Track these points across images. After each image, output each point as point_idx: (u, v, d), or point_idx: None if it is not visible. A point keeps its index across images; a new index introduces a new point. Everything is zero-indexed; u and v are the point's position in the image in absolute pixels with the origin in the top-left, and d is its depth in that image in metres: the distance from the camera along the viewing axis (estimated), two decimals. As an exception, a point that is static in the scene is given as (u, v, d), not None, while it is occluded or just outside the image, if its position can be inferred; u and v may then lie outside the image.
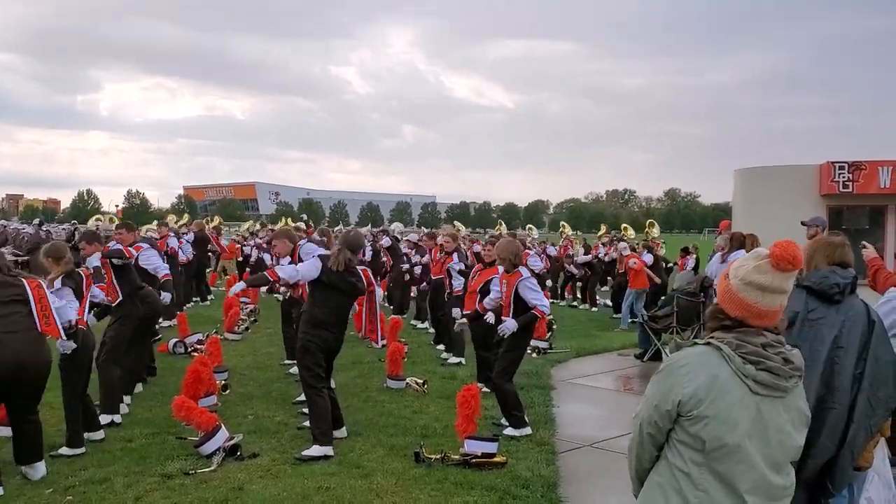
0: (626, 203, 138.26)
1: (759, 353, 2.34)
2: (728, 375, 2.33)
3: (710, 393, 2.31)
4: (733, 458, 2.31)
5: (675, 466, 2.40)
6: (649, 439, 2.47)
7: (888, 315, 4.57)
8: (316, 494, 5.33)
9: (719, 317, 2.44)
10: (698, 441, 2.33)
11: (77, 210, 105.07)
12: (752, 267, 2.39)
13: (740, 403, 2.31)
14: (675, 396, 2.35)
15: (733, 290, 2.41)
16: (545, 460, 6.17)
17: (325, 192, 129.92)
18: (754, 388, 2.32)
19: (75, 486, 5.46)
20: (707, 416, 2.31)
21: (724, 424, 2.30)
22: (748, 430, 2.31)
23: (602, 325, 15.22)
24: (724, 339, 2.39)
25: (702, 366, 2.36)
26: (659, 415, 2.40)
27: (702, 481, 2.34)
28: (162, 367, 9.35)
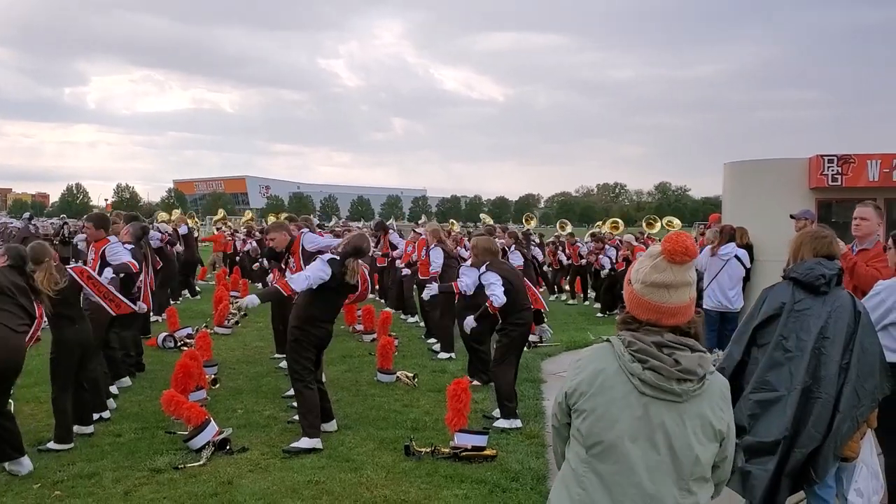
0: (616, 197, 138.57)
1: (647, 352, 2.25)
2: (614, 371, 2.27)
3: (592, 387, 2.28)
4: (611, 459, 2.24)
5: (568, 461, 2.39)
6: (554, 431, 2.52)
7: (876, 308, 4.59)
8: (305, 488, 5.33)
9: (629, 322, 2.37)
10: (581, 435, 2.31)
11: (66, 204, 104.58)
12: (650, 267, 2.31)
13: (623, 401, 2.24)
14: (567, 387, 2.38)
15: (638, 294, 2.33)
16: (535, 453, 6.18)
17: (316, 185, 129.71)
18: (640, 387, 2.23)
19: (64, 481, 5.43)
20: (586, 409, 2.28)
21: (602, 420, 2.25)
22: (629, 430, 2.22)
23: (593, 319, 15.26)
24: (621, 335, 2.35)
25: (593, 360, 2.35)
26: (558, 407, 2.44)
27: (583, 479, 2.29)
28: (151, 362, 9.32)
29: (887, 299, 4.55)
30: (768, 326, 3.99)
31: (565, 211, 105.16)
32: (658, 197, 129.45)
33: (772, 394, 3.88)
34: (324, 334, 6.51)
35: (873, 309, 4.60)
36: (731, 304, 8.37)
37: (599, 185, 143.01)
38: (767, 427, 3.85)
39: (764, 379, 3.91)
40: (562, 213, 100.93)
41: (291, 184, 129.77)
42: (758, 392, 3.91)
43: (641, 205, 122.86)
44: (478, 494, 5.27)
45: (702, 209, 78.19)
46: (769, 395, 3.88)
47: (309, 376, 6.36)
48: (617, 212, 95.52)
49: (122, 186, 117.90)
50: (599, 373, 2.29)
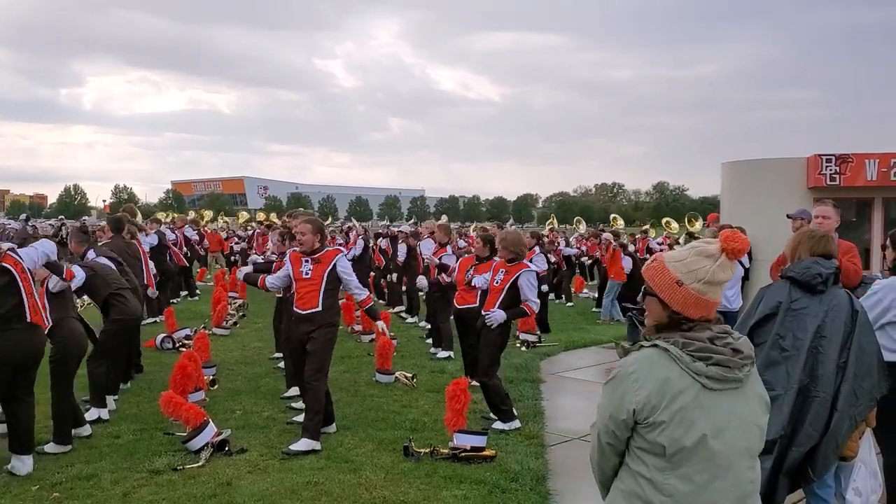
0: (614, 196, 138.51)
1: (707, 349, 2.27)
2: (678, 375, 2.26)
3: (665, 397, 2.25)
4: (694, 460, 2.25)
5: (637, 474, 2.33)
6: (609, 449, 2.41)
7: (874, 307, 4.60)
8: (304, 489, 5.32)
9: (681, 323, 2.35)
10: (658, 447, 2.26)
11: (64, 205, 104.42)
12: (717, 266, 2.32)
13: (694, 403, 2.25)
14: (628, 405, 2.28)
15: (697, 293, 2.31)
16: (534, 454, 6.17)
17: (314, 186, 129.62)
18: (708, 384, 2.25)
19: (62, 483, 5.42)
20: (663, 420, 2.24)
21: (681, 426, 2.23)
22: (709, 428, 2.25)
23: (591, 318, 15.26)
24: (669, 338, 2.32)
25: (651, 370, 2.29)
26: (615, 425, 2.34)
27: (667, 486, 2.27)
28: (149, 363, 9.31)
29: (884, 298, 4.56)
30: (765, 325, 4.00)
31: (564, 211, 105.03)
32: (656, 197, 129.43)
33: (769, 393, 3.88)
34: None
35: (871, 308, 4.61)
36: (730, 303, 8.37)
37: (597, 185, 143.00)
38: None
39: (761, 378, 3.91)
40: (560, 213, 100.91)
41: (290, 184, 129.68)
42: None
43: (639, 205, 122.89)
44: (477, 495, 5.27)
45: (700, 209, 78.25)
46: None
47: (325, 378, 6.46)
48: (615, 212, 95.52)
49: (119, 187, 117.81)
50: (665, 381, 2.26)
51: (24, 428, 5.67)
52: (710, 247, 2.37)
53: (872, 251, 9.79)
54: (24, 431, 5.68)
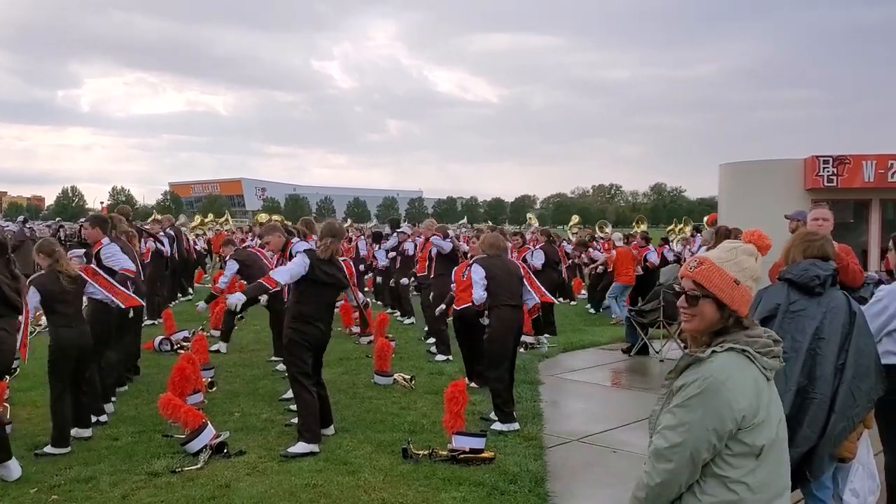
0: (612, 198, 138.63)
1: (767, 344, 2.37)
2: (759, 374, 2.34)
3: (760, 398, 2.31)
4: (776, 449, 2.34)
5: (728, 479, 2.28)
6: (690, 463, 2.29)
7: (880, 314, 4.58)
8: (303, 491, 5.32)
9: (739, 321, 2.38)
10: (756, 448, 2.28)
11: (62, 207, 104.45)
12: (758, 262, 2.42)
13: (770, 397, 2.35)
14: (735, 414, 2.24)
15: (750, 291, 2.40)
16: (533, 455, 6.17)
17: (312, 187, 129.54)
18: (770, 376, 2.36)
19: (61, 485, 5.42)
20: (762, 420, 2.29)
21: (771, 423, 2.32)
22: (778, 416, 2.37)
23: (589, 319, 15.26)
24: (737, 340, 2.34)
25: (742, 374, 2.30)
26: (718, 437, 2.26)
27: (757, 484, 2.30)
28: (148, 365, 9.30)
29: (890, 305, 4.54)
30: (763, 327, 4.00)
31: (562, 212, 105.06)
32: (653, 198, 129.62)
33: None
34: (318, 333, 6.46)
35: (877, 314, 4.60)
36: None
37: (595, 187, 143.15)
38: None
39: None
40: (558, 214, 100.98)
41: (287, 185, 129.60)
42: None
43: (637, 206, 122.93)
44: (476, 497, 5.27)
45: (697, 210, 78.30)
46: None
47: (307, 379, 6.34)
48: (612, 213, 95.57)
49: (117, 189, 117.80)
50: (755, 382, 2.32)
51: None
52: (748, 246, 2.45)
53: (870, 252, 9.81)
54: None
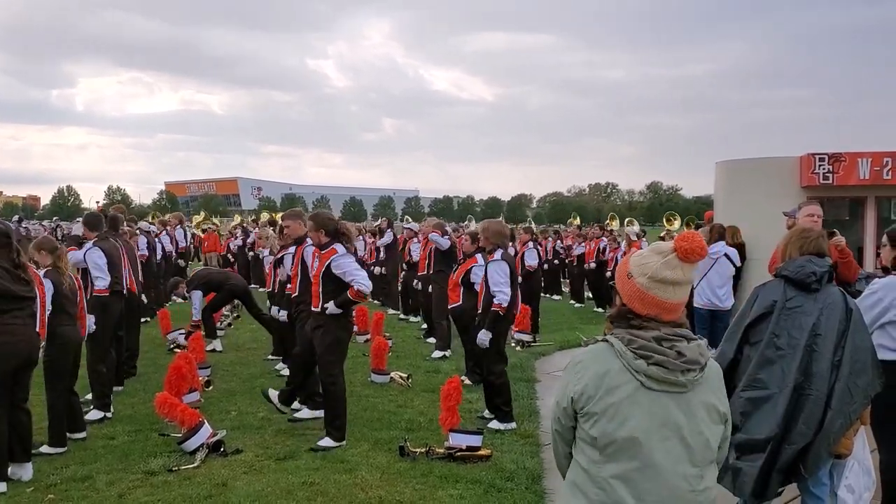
0: (608, 196, 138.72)
1: (650, 347, 2.28)
2: (619, 370, 2.29)
3: (599, 389, 2.28)
4: (626, 456, 2.27)
5: (579, 464, 2.38)
6: (557, 436, 2.48)
7: (874, 306, 4.60)
8: (300, 490, 5.32)
9: (629, 317, 2.37)
10: (592, 438, 2.30)
11: (57, 207, 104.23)
12: (661, 263, 2.32)
13: (630, 399, 2.27)
14: (569, 393, 2.35)
15: (642, 288, 2.33)
16: (529, 453, 6.18)
17: (308, 186, 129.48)
18: (647, 382, 2.27)
19: (57, 484, 5.42)
20: (596, 412, 2.28)
21: (614, 420, 2.26)
22: (642, 426, 2.25)
23: (586, 317, 15.29)
24: (618, 333, 2.35)
25: (594, 362, 2.33)
26: (560, 412, 2.41)
27: (599, 479, 2.30)
28: (144, 364, 9.30)
29: (885, 298, 4.56)
30: (760, 324, 4.01)
31: (558, 211, 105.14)
32: (650, 196, 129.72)
33: (763, 392, 3.89)
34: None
35: (871, 307, 4.62)
36: (721, 302, 8.40)
37: (591, 185, 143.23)
38: (758, 425, 3.86)
39: (756, 377, 3.93)
40: (554, 213, 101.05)
41: (283, 185, 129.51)
42: (749, 390, 3.92)
43: (633, 204, 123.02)
44: (473, 494, 5.28)
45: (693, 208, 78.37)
46: (761, 393, 3.89)
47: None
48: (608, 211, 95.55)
49: (113, 189, 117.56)
50: (604, 374, 2.30)
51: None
52: (665, 245, 2.38)
53: (865, 249, 9.82)
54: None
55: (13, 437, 5.46)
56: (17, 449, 5.51)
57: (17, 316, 5.40)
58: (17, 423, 5.51)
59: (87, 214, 8.41)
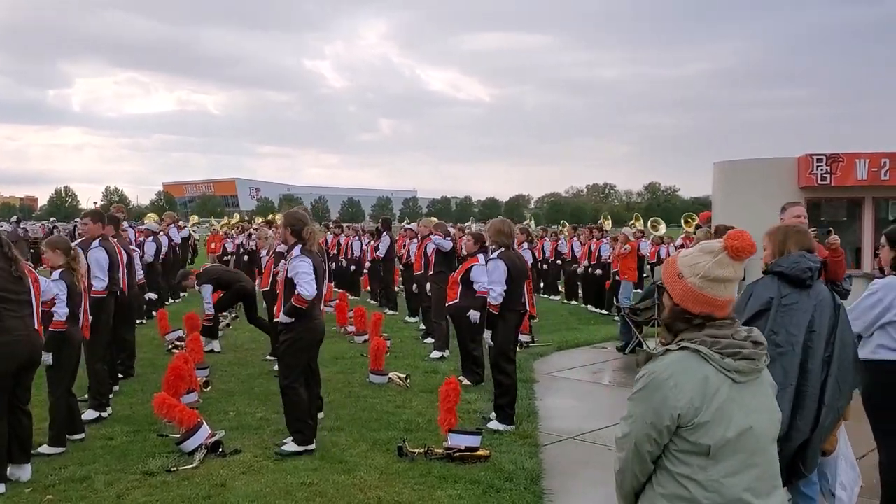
0: (606, 197, 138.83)
1: (735, 345, 2.33)
2: (713, 374, 2.30)
3: (706, 397, 2.28)
4: (736, 451, 2.30)
5: (679, 475, 2.34)
6: (649, 457, 2.39)
7: (874, 307, 4.62)
8: (299, 490, 5.32)
9: (686, 317, 2.39)
10: (702, 447, 2.29)
11: (55, 207, 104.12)
12: (713, 262, 2.36)
13: (729, 398, 2.30)
14: (671, 411, 2.29)
15: (695, 288, 2.37)
16: (528, 453, 6.19)
17: (306, 187, 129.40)
18: (737, 378, 2.31)
19: (56, 485, 5.42)
20: (707, 421, 2.28)
21: (721, 422, 2.28)
22: (744, 419, 2.31)
23: (584, 318, 15.29)
24: (695, 338, 2.35)
25: (687, 373, 2.31)
26: (657, 432, 2.33)
27: (712, 483, 2.30)
28: (142, 365, 9.29)
29: (885, 298, 4.58)
30: (757, 322, 3.98)
31: (556, 211, 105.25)
32: (647, 197, 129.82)
33: None
34: (321, 327, 6.45)
35: (871, 307, 4.63)
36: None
37: (589, 186, 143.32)
38: None
39: None
40: (552, 214, 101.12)
41: (281, 186, 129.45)
42: None
43: (631, 205, 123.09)
44: (471, 495, 5.28)
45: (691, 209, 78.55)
46: None
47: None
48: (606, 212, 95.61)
49: (110, 189, 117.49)
50: (704, 381, 2.29)
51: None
52: (714, 244, 2.42)
53: (863, 250, 9.84)
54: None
55: (13, 438, 5.45)
56: (16, 450, 5.50)
57: (15, 317, 5.38)
58: (17, 425, 5.50)
59: (91, 210, 8.43)
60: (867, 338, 4.75)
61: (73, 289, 6.20)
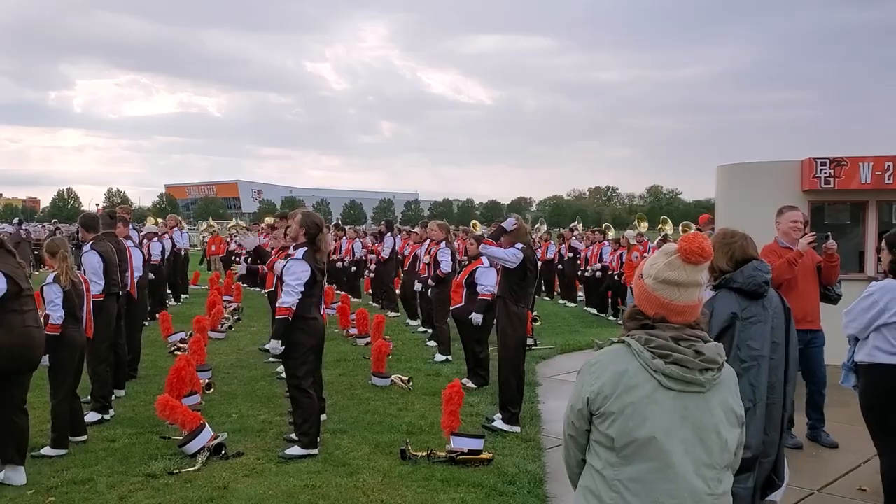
0: (608, 200, 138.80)
1: (668, 346, 2.28)
2: (636, 370, 2.28)
3: (617, 388, 2.27)
4: (644, 456, 2.25)
5: (592, 468, 2.37)
6: (571, 441, 2.46)
7: (870, 309, 4.62)
8: (301, 493, 5.31)
9: (638, 317, 2.39)
10: (608, 439, 2.29)
11: (57, 209, 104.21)
12: (664, 264, 2.34)
13: (649, 398, 2.26)
14: (584, 394, 2.34)
15: (649, 289, 2.36)
16: (531, 456, 6.17)
17: (308, 189, 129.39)
18: (665, 382, 2.26)
19: (58, 487, 5.41)
20: (613, 412, 2.27)
21: (632, 420, 2.25)
22: (661, 426, 2.24)
23: (587, 321, 15.28)
24: (634, 334, 2.35)
25: (611, 362, 2.33)
26: (574, 415, 2.39)
27: (615, 482, 2.28)
28: (145, 367, 9.29)
29: (880, 300, 4.57)
30: (723, 339, 3.83)
31: (558, 214, 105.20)
32: (650, 200, 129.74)
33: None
34: (321, 328, 6.43)
35: (867, 310, 4.62)
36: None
37: (591, 189, 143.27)
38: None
39: None
40: (554, 216, 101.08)
41: (284, 188, 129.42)
42: None
43: (633, 208, 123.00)
44: (475, 498, 5.27)
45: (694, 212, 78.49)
46: None
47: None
48: (609, 215, 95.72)
49: (113, 191, 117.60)
50: (622, 374, 2.29)
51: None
52: (672, 246, 2.39)
53: (867, 254, 9.82)
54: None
55: (8, 439, 5.45)
56: (12, 451, 5.49)
57: (17, 318, 5.40)
58: (14, 426, 5.50)
59: (83, 216, 8.37)
60: (863, 340, 4.74)
61: (69, 292, 6.19)
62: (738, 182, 10.48)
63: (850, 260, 9.98)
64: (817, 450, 6.42)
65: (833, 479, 5.75)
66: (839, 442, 6.47)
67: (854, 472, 5.89)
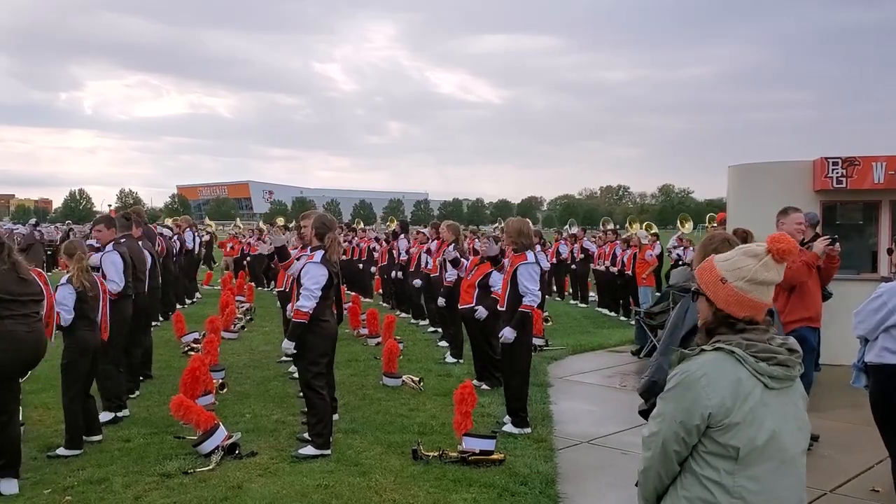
0: (620, 199, 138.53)
1: (770, 349, 2.34)
2: (747, 377, 2.31)
3: (737, 399, 2.29)
4: (765, 458, 2.31)
5: (704, 478, 2.34)
6: (675, 456, 2.39)
7: (878, 310, 4.60)
8: (315, 492, 5.34)
9: (730, 321, 2.40)
10: (731, 449, 2.29)
11: (69, 210, 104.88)
12: (760, 266, 2.38)
13: (761, 402, 2.31)
14: (702, 410, 2.30)
15: (740, 292, 2.38)
16: (543, 457, 6.19)
17: (319, 190, 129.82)
18: (770, 384, 2.32)
19: (74, 487, 5.46)
20: (738, 422, 2.28)
21: (752, 426, 2.29)
22: (777, 425, 2.32)
23: (598, 321, 15.26)
24: (731, 341, 2.36)
25: (721, 373, 2.32)
26: (686, 431, 2.33)
27: (738, 489, 2.30)
28: (159, 367, 9.34)
29: (889, 301, 4.56)
30: (693, 337, 3.79)
31: (569, 213, 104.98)
32: (661, 199, 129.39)
33: None
34: (333, 329, 6.46)
35: (875, 311, 4.61)
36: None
37: (602, 188, 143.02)
38: None
39: None
40: (565, 216, 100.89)
41: (294, 188, 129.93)
42: None
43: (645, 207, 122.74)
44: (486, 498, 5.29)
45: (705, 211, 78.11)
46: None
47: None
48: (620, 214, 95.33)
49: (125, 192, 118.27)
50: (737, 383, 2.31)
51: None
52: (757, 247, 2.44)
53: (880, 253, 9.78)
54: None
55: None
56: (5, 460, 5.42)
57: (18, 321, 5.34)
58: (2, 434, 5.40)
59: (99, 217, 8.46)
60: (872, 341, 4.74)
61: (83, 293, 6.24)
62: (749, 182, 10.46)
63: (863, 260, 9.95)
64: (830, 450, 6.41)
65: (846, 479, 5.74)
66: (852, 443, 6.45)
67: (867, 472, 5.87)
